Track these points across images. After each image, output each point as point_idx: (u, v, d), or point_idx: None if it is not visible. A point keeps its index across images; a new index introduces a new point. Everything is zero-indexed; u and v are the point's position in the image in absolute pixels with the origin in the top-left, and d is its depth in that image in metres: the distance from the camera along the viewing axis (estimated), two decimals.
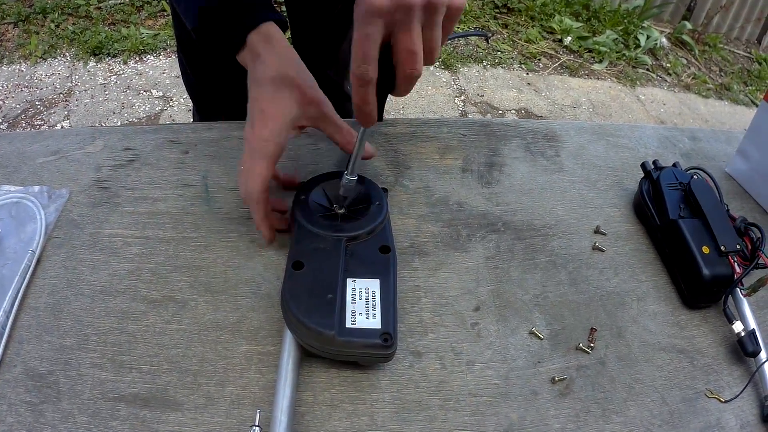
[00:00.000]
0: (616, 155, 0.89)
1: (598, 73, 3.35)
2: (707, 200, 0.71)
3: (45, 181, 0.70)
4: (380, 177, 0.78)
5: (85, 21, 2.83)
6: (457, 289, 0.66)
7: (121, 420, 0.51)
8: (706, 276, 0.65)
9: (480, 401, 0.56)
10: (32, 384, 0.53)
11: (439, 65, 3.04)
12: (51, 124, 2.30)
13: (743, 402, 0.60)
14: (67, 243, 0.65)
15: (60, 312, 0.58)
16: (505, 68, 3.17)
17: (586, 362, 0.61)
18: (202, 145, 0.78)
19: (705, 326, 0.67)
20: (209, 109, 1.21)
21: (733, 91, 3.55)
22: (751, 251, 0.67)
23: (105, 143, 0.77)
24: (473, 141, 0.87)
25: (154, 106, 2.49)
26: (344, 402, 0.55)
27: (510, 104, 2.92)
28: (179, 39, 1.10)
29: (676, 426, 0.57)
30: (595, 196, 0.81)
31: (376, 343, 0.53)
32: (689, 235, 0.69)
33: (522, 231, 0.74)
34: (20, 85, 2.47)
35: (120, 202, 0.70)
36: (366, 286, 0.57)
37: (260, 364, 0.56)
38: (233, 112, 1.17)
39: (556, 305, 0.66)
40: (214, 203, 0.71)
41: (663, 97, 3.32)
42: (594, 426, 0.56)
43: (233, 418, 0.52)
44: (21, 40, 2.67)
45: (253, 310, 0.61)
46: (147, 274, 0.63)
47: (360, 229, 0.62)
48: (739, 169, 0.90)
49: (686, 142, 0.96)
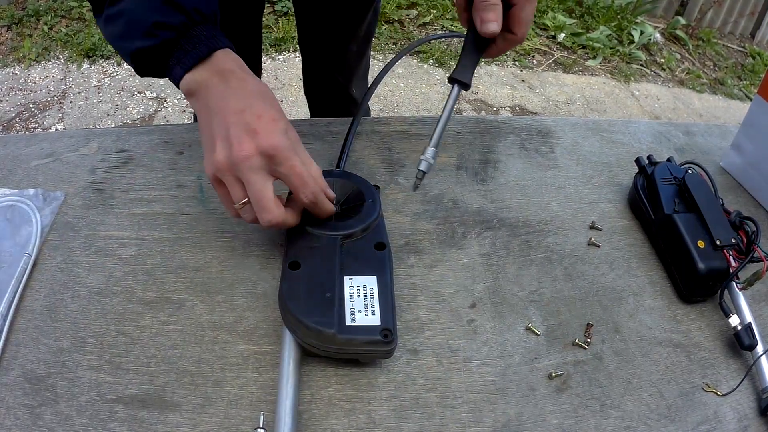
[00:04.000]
0: (610, 151, 0.90)
1: (592, 69, 3.35)
2: (702, 195, 0.71)
3: (40, 184, 0.70)
4: (375, 175, 0.78)
5: (78, 23, 2.82)
6: (453, 286, 0.66)
7: (119, 421, 0.51)
8: (701, 270, 0.66)
9: (477, 398, 0.57)
10: (30, 387, 0.52)
11: (433, 63, 3.04)
12: (45, 127, 2.29)
13: (740, 395, 0.61)
14: (62, 245, 0.65)
15: (56, 314, 0.58)
16: (499, 65, 3.18)
17: (582, 358, 0.62)
18: (196, 145, 0.78)
19: (701, 320, 0.68)
20: None
21: (727, 86, 3.56)
22: (747, 245, 0.67)
23: (99, 145, 0.77)
24: (468, 138, 0.87)
25: (149, 107, 2.48)
26: (342, 400, 0.55)
27: (504, 101, 2.92)
28: None
29: (673, 420, 0.58)
30: (589, 192, 0.81)
31: (376, 340, 0.53)
32: (684, 230, 0.69)
33: (517, 227, 0.74)
34: (14, 88, 2.46)
35: (115, 204, 0.70)
36: (363, 284, 0.57)
37: (257, 363, 0.56)
38: None
39: (552, 301, 0.66)
40: (209, 204, 0.71)
41: (657, 92, 3.33)
42: (591, 421, 0.56)
43: (231, 418, 0.52)
44: (14, 43, 2.66)
45: (249, 310, 0.61)
46: (143, 275, 0.63)
47: (354, 227, 0.62)
48: (734, 163, 0.90)
49: (680, 137, 0.96)
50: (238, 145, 0.55)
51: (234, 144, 0.55)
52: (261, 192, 0.56)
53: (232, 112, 0.57)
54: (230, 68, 0.60)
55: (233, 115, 0.56)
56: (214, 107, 0.58)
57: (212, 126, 0.58)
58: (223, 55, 0.61)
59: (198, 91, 0.60)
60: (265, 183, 0.56)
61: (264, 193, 0.56)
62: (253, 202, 0.57)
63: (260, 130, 0.55)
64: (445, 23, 3.29)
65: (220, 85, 0.59)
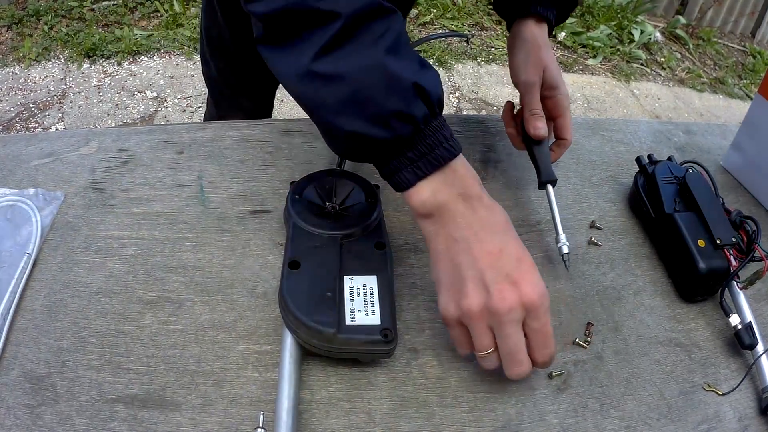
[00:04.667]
0: (611, 150, 0.90)
1: (592, 69, 3.35)
2: (702, 194, 0.71)
3: (40, 184, 0.70)
4: (376, 174, 0.77)
5: (78, 23, 2.82)
6: None
7: (119, 421, 0.51)
8: (702, 269, 0.65)
9: (477, 397, 0.57)
10: (30, 387, 0.52)
11: (433, 62, 3.04)
12: (45, 127, 2.29)
13: (741, 394, 0.61)
14: (62, 245, 0.65)
15: (56, 314, 0.58)
16: (500, 64, 3.17)
17: (583, 357, 0.62)
18: (196, 145, 0.78)
19: (702, 319, 0.68)
20: (227, 106, 1.22)
21: (727, 85, 3.56)
22: (747, 244, 0.67)
23: (99, 145, 0.77)
24: (468, 137, 0.87)
25: (149, 107, 2.48)
26: (342, 400, 0.55)
27: (505, 100, 2.91)
28: (206, 32, 1.10)
29: (674, 419, 0.57)
30: (590, 191, 0.81)
31: (376, 339, 0.53)
32: (685, 229, 0.69)
33: (518, 227, 0.73)
34: (14, 88, 2.46)
35: (115, 204, 0.69)
36: (363, 283, 0.57)
37: (257, 363, 0.56)
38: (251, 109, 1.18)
39: (553, 300, 0.66)
40: (209, 203, 0.71)
41: (657, 91, 3.32)
42: (592, 420, 0.56)
43: (231, 417, 0.52)
44: (15, 43, 2.66)
45: (249, 310, 0.61)
46: (143, 275, 0.63)
47: (354, 227, 0.62)
48: (734, 162, 0.90)
49: (681, 136, 0.96)
50: (500, 295, 0.50)
51: (494, 293, 0.50)
52: (517, 345, 0.51)
53: (487, 253, 0.51)
54: (477, 193, 0.53)
55: (489, 257, 0.51)
56: (462, 240, 0.52)
57: (459, 263, 0.52)
58: (463, 167, 0.54)
59: (439, 215, 0.53)
60: (520, 336, 0.52)
61: (520, 346, 0.52)
62: (506, 354, 0.52)
63: (521, 280, 0.51)
64: (445, 22, 3.29)
65: (468, 214, 0.53)
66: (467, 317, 0.52)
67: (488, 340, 0.52)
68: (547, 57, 0.77)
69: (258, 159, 0.77)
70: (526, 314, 0.51)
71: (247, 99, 1.18)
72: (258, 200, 0.72)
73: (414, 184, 0.53)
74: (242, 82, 1.14)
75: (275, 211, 0.71)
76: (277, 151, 0.79)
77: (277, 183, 0.74)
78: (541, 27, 0.79)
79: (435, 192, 0.52)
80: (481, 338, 0.52)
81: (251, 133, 0.81)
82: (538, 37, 0.78)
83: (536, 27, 0.79)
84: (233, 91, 1.17)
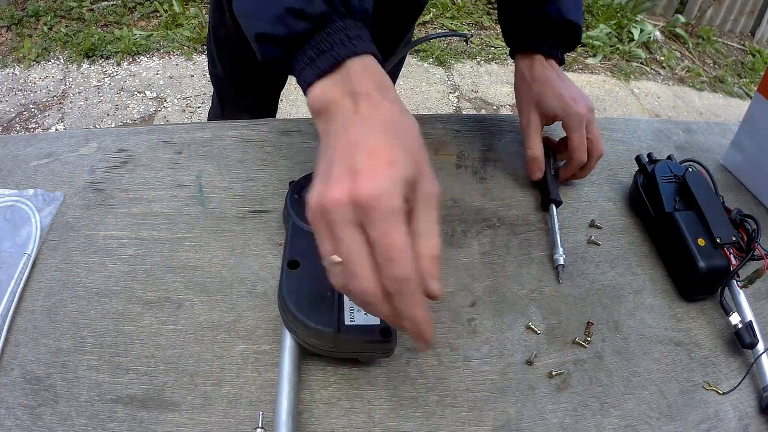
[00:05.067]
0: (610, 149, 0.90)
1: (592, 68, 3.35)
2: (702, 192, 0.71)
3: (39, 184, 0.70)
4: None
5: (77, 23, 2.82)
6: (453, 285, 0.66)
7: (119, 421, 0.51)
8: (701, 268, 0.65)
9: (477, 397, 0.57)
10: (29, 387, 0.52)
11: (433, 61, 3.04)
12: (45, 127, 2.29)
13: (741, 393, 0.61)
14: (62, 245, 0.64)
15: (56, 315, 0.58)
16: (499, 64, 3.17)
17: (583, 356, 0.61)
18: (195, 145, 0.78)
19: (702, 318, 0.68)
20: (232, 105, 1.22)
21: (727, 84, 3.56)
22: (747, 243, 0.67)
23: (98, 145, 0.77)
24: (467, 137, 0.87)
25: (148, 107, 2.48)
26: (341, 399, 0.55)
27: (504, 99, 2.92)
28: (214, 31, 1.10)
29: (674, 419, 0.57)
30: (589, 190, 0.81)
31: (376, 339, 0.53)
32: (685, 228, 0.69)
33: (517, 226, 0.74)
34: (14, 88, 2.46)
35: (114, 204, 0.69)
36: None
37: (257, 363, 0.56)
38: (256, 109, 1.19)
39: (552, 299, 0.66)
40: (208, 203, 0.71)
41: (657, 90, 3.32)
42: (592, 420, 0.56)
43: (231, 417, 0.52)
44: (14, 43, 2.66)
45: (249, 310, 0.61)
46: (142, 275, 0.63)
47: None
48: (734, 161, 0.90)
49: (681, 135, 0.96)
50: (331, 187, 0.43)
51: (327, 186, 0.43)
52: (351, 252, 0.43)
53: (344, 144, 0.45)
54: (366, 90, 0.48)
55: (344, 148, 0.45)
56: (333, 134, 0.47)
57: (322, 157, 0.46)
58: (362, 66, 0.50)
59: (325, 113, 0.49)
60: (355, 242, 0.43)
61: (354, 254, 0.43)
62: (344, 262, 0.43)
63: (360, 172, 0.42)
64: (444, 22, 3.29)
65: (349, 110, 0.47)
66: (309, 214, 0.45)
67: (330, 244, 0.44)
68: (540, 90, 0.77)
69: (257, 159, 0.77)
70: (362, 216, 0.42)
71: (252, 99, 1.18)
72: (257, 200, 0.72)
73: (313, 83, 0.50)
74: (248, 82, 1.14)
75: (274, 210, 0.70)
76: (276, 150, 0.79)
77: (276, 183, 0.74)
78: (532, 60, 0.80)
79: (325, 89, 0.49)
80: (321, 242, 0.45)
81: (250, 133, 0.81)
82: (525, 72, 0.80)
83: (523, 61, 0.81)
84: (239, 90, 1.17)
